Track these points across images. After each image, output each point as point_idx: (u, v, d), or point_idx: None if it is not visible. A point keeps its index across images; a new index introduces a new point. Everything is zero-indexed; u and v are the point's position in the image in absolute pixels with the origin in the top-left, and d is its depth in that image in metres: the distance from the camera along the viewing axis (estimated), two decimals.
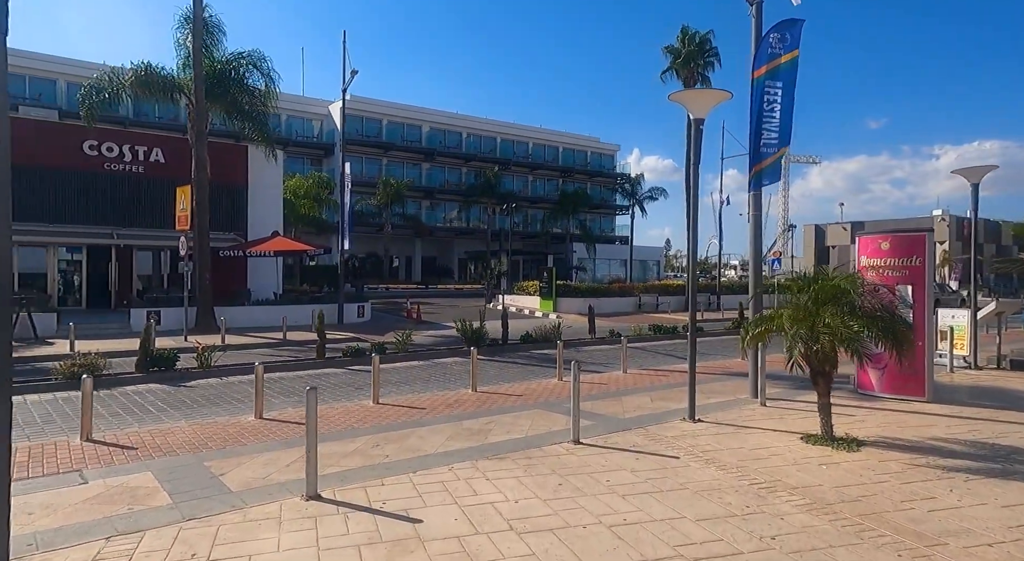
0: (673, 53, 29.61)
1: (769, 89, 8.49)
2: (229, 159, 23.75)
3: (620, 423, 7.32)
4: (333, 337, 17.19)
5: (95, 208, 21.17)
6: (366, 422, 7.26)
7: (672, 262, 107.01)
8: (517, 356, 14.28)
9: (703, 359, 13.44)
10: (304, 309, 20.96)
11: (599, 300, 28.26)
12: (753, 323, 6.93)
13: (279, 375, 11.21)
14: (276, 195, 26.02)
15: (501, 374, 11.82)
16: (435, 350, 14.43)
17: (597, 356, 14.53)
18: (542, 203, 57.09)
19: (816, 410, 7.03)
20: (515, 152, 57.64)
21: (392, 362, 12.83)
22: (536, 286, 29.51)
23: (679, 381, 10.41)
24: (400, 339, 13.51)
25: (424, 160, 52.70)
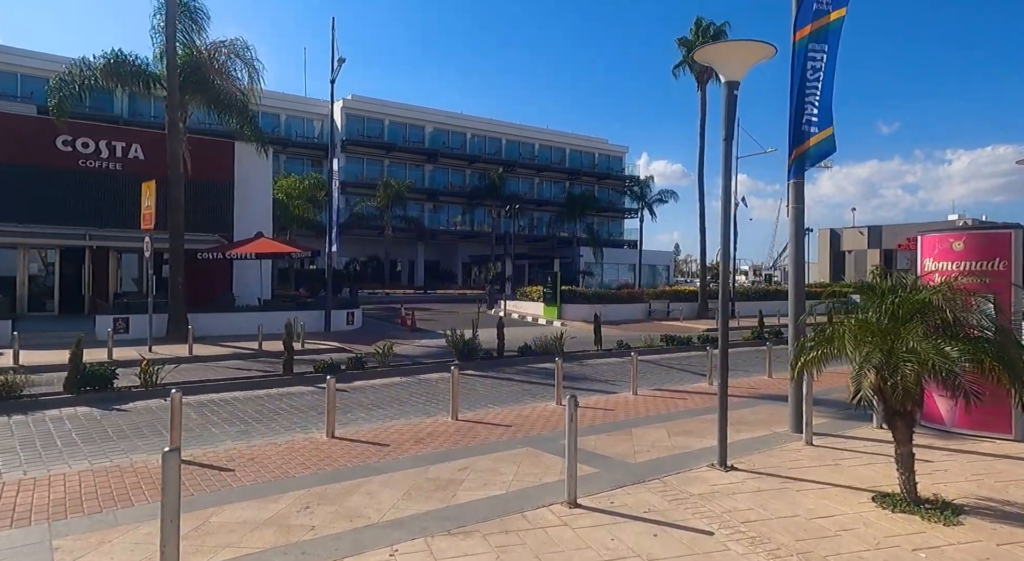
0: (686, 45, 28.02)
1: (813, 54, 6.94)
2: (213, 155, 22.40)
3: (630, 471, 5.75)
4: (314, 347, 15.74)
5: (69, 208, 19.81)
6: (308, 467, 5.73)
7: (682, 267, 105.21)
8: (513, 371, 12.73)
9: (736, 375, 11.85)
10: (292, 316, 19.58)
11: (606, 307, 26.68)
12: (804, 347, 5.34)
13: (234, 396, 9.71)
14: (266, 194, 24.65)
15: (492, 395, 10.27)
16: (421, 364, 12.91)
17: (603, 371, 12.95)
18: (548, 206, 55.59)
19: (881, 452, 5.47)
20: (521, 153, 56.20)
21: (369, 379, 11.32)
22: (539, 291, 27.95)
23: (700, 407, 8.82)
24: (381, 351, 12.00)
25: (427, 161, 51.34)
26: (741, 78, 5.68)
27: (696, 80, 28.43)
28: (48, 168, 19.59)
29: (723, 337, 6.00)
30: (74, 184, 20.01)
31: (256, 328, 17.54)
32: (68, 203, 19.83)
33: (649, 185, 51.74)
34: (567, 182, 58.52)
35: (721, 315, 6.02)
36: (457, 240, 53.40)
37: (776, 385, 10.78)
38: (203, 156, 21.41)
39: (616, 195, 60.89)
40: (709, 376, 10.93)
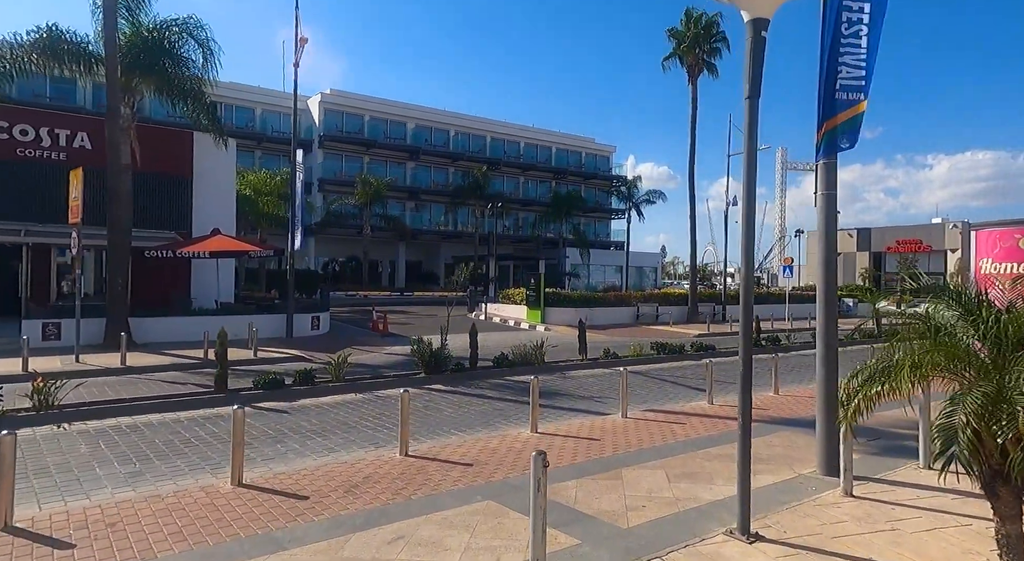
0: (677, 37, 26.76)
1: (850, 7, 5.55)
2: (169, 146, 20.73)
3: (621, 542, 4.30)
4: (267, 356, 14.17)
5: (5, 201, 18.05)
6: (184, 539, 4.22)
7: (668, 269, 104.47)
8: (487, 386, 11.25)
9: (723, 392, 10.49)
10: (251, 320, 17.96)
11: (593, 310, 25.31)
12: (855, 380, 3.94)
13: (148, 420, 8.14)
14: (228, 189, 22.96)
15: (457, 417, 8.78)
16: (382, 377, 11.38)
17: (589, 386, 11.52)
18: (534, 206, 54.21)
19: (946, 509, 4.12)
20: (506, 152, 54.78)
21: (319, 396, 9.79)
22: (522, 294, 26.50)
23: (702, 435, 7.42)
24: (336, 363, 10.47)
25: (409, 159, 49.74)
26: (770, 16, 4.24)
27: (687, 73, 27.17)
28: None
29: (746, 360, 4.58)
30: (10, 175, 18.22)
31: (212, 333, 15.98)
32: (3, 196, 18.05)
33: (636, 185, 50.61)
34: (553, 181, 57.20)
35: (743, 328, 4.59)
36: (440, 240, 51.85)
37: (785, 404, 9.41)
38: (156, 146, 19.71)
39: (603, 195, 59.69)
40: (709, 393, 9.54)
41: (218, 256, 17.95)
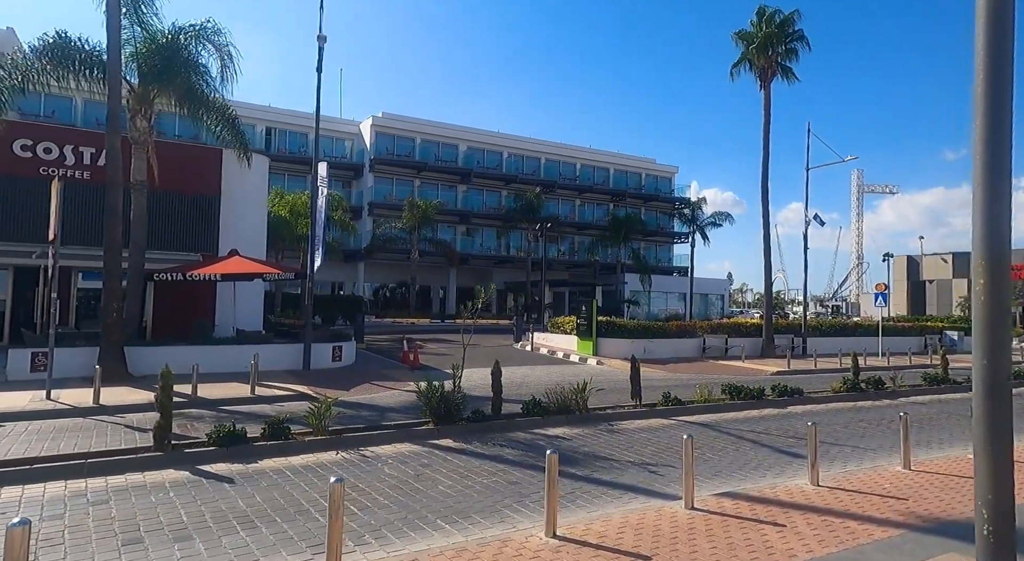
0: (746, 39, 24.01)
1: None
2: (196, 164, 19.77)
3: None
4: (268, 393, 12.28)
5: (29, 221, 17.28)
6: None
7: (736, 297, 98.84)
8: (507, 442, 8.83)
9: (829, 460, 7.66)
10: (268, 350, 16.31)
11: (652, 342, 22.45)
12: None
13: (55, 492, 6.19)
14: (260, 210, 21.82)
15: (451, 496, 6.39)
16: (380, 427, 9.13)
17: (642, 444, 8.89)
18: (590, 229, 51.76)
19: None
20: (561, 173, 52.79)
21: (290, 455, 7.64)
22: (573, 323, 23.94)
23: (821, 553, 4.71)
24: (318, 411, 8.32)
25: (460, 182, 48.47)
26: None
27: (758, 78, 24.30)
28: (3, 176, 17.20)
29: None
30: (35, 194, 17.48)
31: (222, 364, 14.43)
32: (28, 216, 17.29)
33: (701, 207, 47.52)
34: (611, 204, 54.64)
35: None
36: (491, 265, 50.04)
37: (926, 487, 6.50)
38: (179, 164, 18.73)
39: (664, 218, 56.61)
40: (811, 464, 6.76)
41: (232, 279, 16.45)
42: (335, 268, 44.80)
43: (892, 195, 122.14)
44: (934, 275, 56.09)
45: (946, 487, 6.59)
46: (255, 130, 43.38)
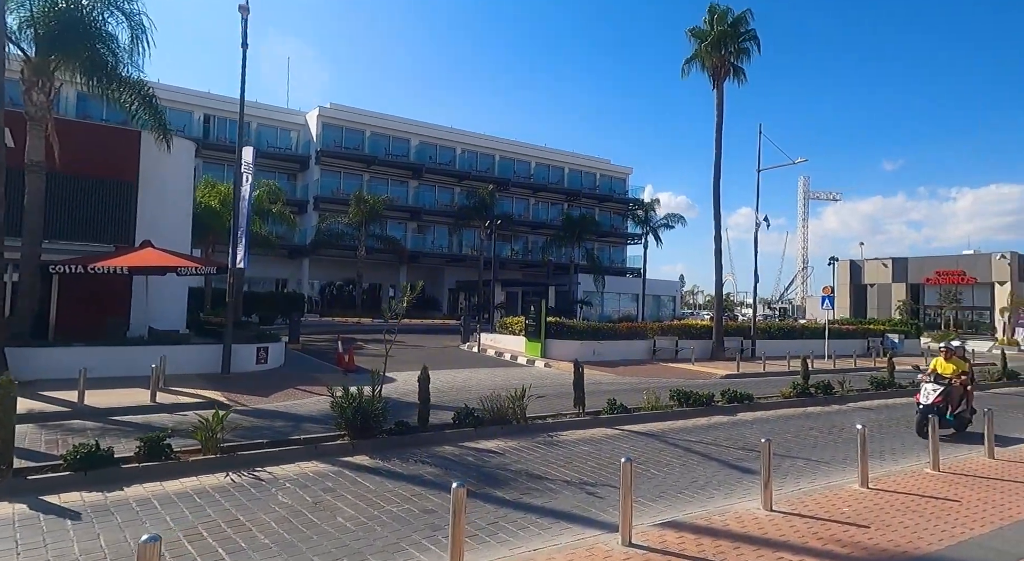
0: (699, 37, 23.72)
1: None
2: (109, 147, 17.99)
3: None
4: (172, 400, 10.94)
5: None
6: None
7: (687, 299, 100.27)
8: (431, 458, 7.86)
9: (782, 477, 6.99)
10: (183, 351, 14.87)
11: (602, 344, 21.85)
12: None
13: None
14: (184, 199, 20.12)
15: (348, 531, 5.37)
16: (287, 443, 8.00)
17: (581, 459, 8.05)
18: (544, 229, 51.20)
19: None
20: (515, 172, 52.04)
21: (167, 479, 6.46)
22: (521, 323, 23.13)
23: None
24: (208, 424, 7.14)
25: (411, 177, 47.12)
26: None
27: (710, 77, 24.06)
28: None
29: None
30: None
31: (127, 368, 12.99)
32: None
33: (654, 208, 47.55)
34: (565, 204, 54.24)
35: None
36: (443, 264, 48.87)
37: (888, 511, 5.84)
38: (88, 145, 17.04)
39: (618, 219, 56.58)
40: (765, 486, 6.01)
41: (142, 272, 14.92)
42: (279, 264, 42.81)
43: (836, 202, 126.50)
44: (875, 279, 57.88)
45: (909, 510, 5.96)
46: (192, 117, 41.05)
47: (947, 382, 10.11)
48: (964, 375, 10.36)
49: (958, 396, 10.25)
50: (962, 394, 10.34)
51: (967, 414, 10.48)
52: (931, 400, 9.85)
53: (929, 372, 10.53)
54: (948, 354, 10.69)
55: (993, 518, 5.79)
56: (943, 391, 9.96)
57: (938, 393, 9.90)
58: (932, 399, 9.85)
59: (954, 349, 10.88)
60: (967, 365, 10.70)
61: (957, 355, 10.82)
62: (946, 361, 10.64)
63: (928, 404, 9.85)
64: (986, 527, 5.52)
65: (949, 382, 10.14)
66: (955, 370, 10.38)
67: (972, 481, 7.15)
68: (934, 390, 9.96)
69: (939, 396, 9.88)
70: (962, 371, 10.40)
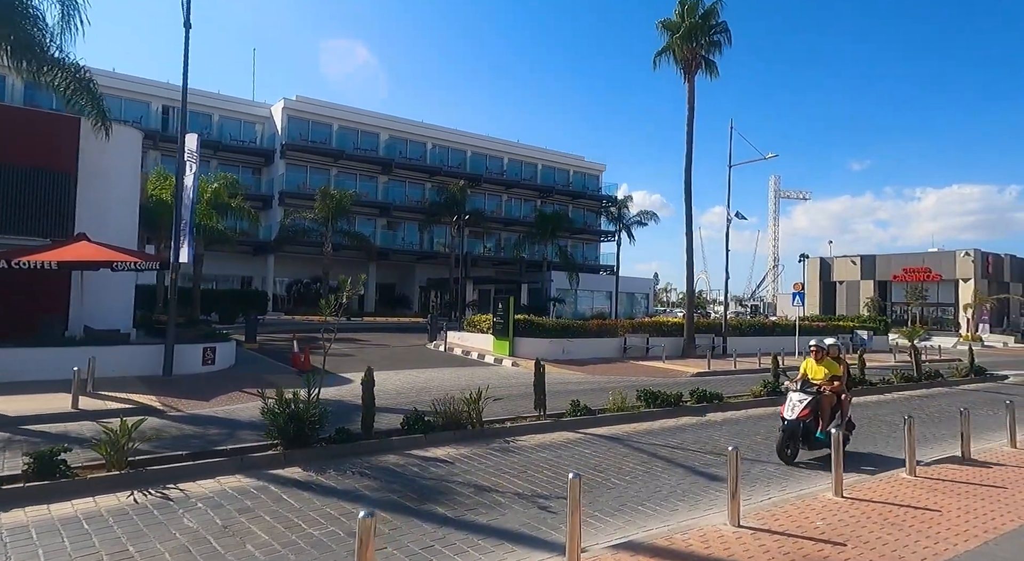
0: (670, 28, 23.31)
1: None
2: (44, 134, 16.80)
3: None
4: (98, 406, 10.02)
5: None
6: None
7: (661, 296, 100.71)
8: (375, 470, 7.15)
9: (751, 486, 6.44)
10: (121, 352, 13.90)
11: (572, 342, 21.30)
12: None
13: None
14: (129, 191, 18.93)
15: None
16: (212, 454, 7.21)
17: (537, 468, 7.41)
18: (517, 226, 50.57)
19: None
20: (488, 168, 51.30)
21: (56, 501, 5.63)
22: (489, 321, 22.47)
23: None
24: (113, 435, 6.31)
25: (381, 172, 46.04)
26: None
27: (682, 70, 23.67)
28: None
29: None
30: None
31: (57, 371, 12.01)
32: None
33: (627, 205, 47.24)
34: (538, 200, 53.68)
35: None
36: (414, 261, 47.92)
37: (865, 524, 5.31)
38: (18, 132, 15.89)
39: (591, 216, 56.21)
40: (732, 497, 5.42)
41: (74, 267, 13.87)
42: (242, 262, 41.46)
43: (806, 200, 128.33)
44: (844, 276, 58.57)
45: (887, 523, 5.45)
46: (150, 108, 39.46)
47: (816, 390, 8.14)
48: (837, 380, 8.33)
49: (830, 407, 8.22)
50: (835, 404, 8.32)
51: (842, 430, 7.83)
52: (796, 414, 7.92)
53: (798, 378, 8.57)
54: (819, 354, 8.59)
55: (977, 531, 5.31)
56: (811, 402, 7.97)
57: (805, 405, 7.93)
58: (798, 413, 7.92)
59: (826, 347, 8.65)
60: (841, 367, 8.59)
61: (830, 355, 8.65)
62: (817, 363, 8.58)
63: (793, 419, 7.93)
64: (971, 542, 5.02)
65: (818, 390, 8.14)
66: (827, 374, 8.39)
67: (951, 487, 6.70)
68: (800, 401, 7.99)
69: (806, 408, 7.92)
70: (834, 375, 8.36)
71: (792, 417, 7.97)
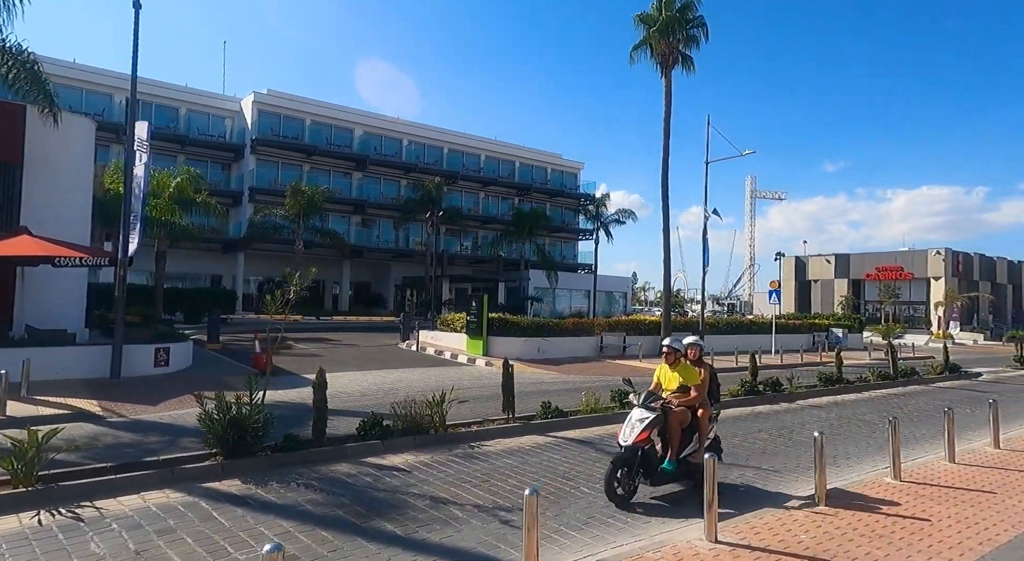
0: (647, 22, 22.92)
1: None
2: None
3: None
4: (30, 412, 9.23)
5: None
6: None
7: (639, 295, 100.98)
8: (323, 481, 6.55)
9: (730, 491, 5.98)
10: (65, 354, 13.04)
11: (547, 341, 20.83)
12: None
13: None
14: (82, 184, 17.93)
15: None
16: (141, 466, 6.53)
17: (501, 477, 6.87)
18: (494, 224, 49.96)
19: None
20: (464, 165, 50.61)
21: None
22: (463, 320, 21.89)
23: None
24: (20, 447, 5.60)
25: (355, 169, 45.09)
26: None
27: (659, 64, 23.28)
28: None
29: None
30: None
31: None
32: None
33: (605, 203, 46.94)
34: (516, 198, 53.14)
35: None
36: (389, 259, 47.06)
37: (851, 537, 4.87)
38: None
39: (569, 215, 55.86)
40: (708, 508, 4.94)
41: (11, 263, 12.96)
42: (211, 259, 40.29)
43: (781, 201, 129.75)
44: (819, 275, 59.11)
45: (875, 535, 5.02)
46: (113, 100, 38.03)
47: (662, 406, 6.09)
48: (696, 390, 6.39)
49: (680, 427, 6.21)
50: (688, 423, 6.32)
51: (700, 456, 5.91)
52: (632, 438, 5.89)
53: (653, 387, 6.65)
54: (672, 357, 6.51)
55: (972, 543, 4.91)
56: (652, 421, 5.94)
57: (645, 425, 5.91)
58: (634, 436, 5.88)
59: (681, 349, 6.57)
60: (702, 373, 6.54)
61: (690, 358, 6.61)
62: (671, 368, 6.55)
63: (629, 444, 5.88)
64: (967, 557, 4.60)
65: (664, 405, 6.10)
66: (681, 383, 6.47)
67: (939, 493, 6.32)
68: (641, 420, 5.96)
69: (645, 430, 5.88)
70: (690, 385, 6.43)
71: (628, 442, 5.88)
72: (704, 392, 6.52)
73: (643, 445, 5.92)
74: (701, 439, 6.42)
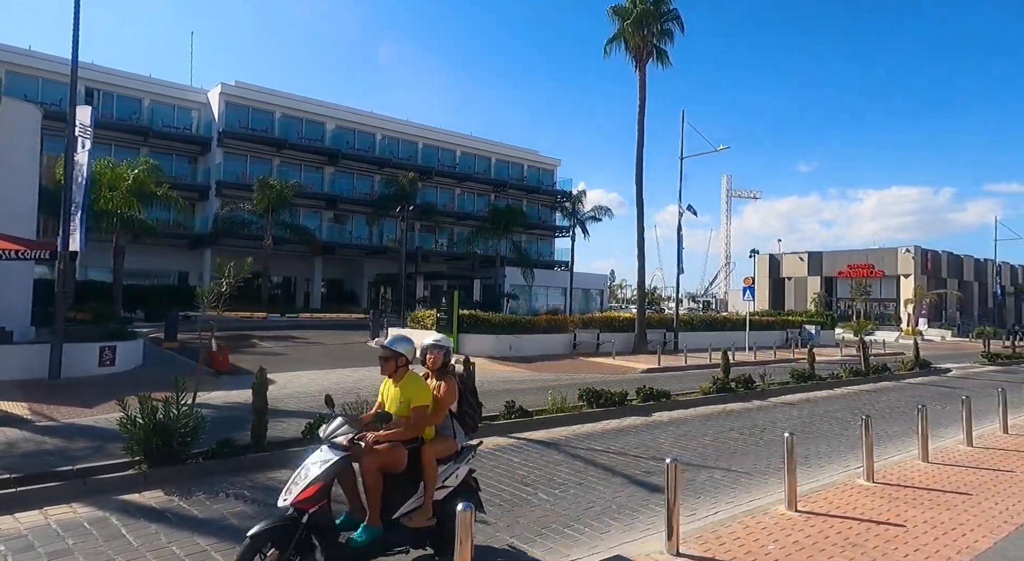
0: (621, 15, 22.61)
1: None
2: None
3: None
4: None
5: None
6: None
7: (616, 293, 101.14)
8: (256, 490, 6.00)
9: (695, 493, 5.57)
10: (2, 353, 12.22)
11: (520, 338, 20.40)
12: None
13: None
14: (26, 175, 16.97)
15: None
16: (50, 475, 5.90)
17: None
18: (470, 220, 49.34)
19: None
20: (439, 160, 49.90)
21: None
22: (433, 317, 21.33)
23: None
24: None
25: (327, 163, 44.13)
26: None
27: (633, 58, 23.02)
28: None
29: None
30: None
31: None
32: None
33: (582, 200, 46.63)
34: (492, 195, 52.61)
35: None
36: (363, 256, 46.18)
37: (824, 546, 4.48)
38: None
39: (546, 212, 55.50)
40: (671, 513, 4.51)
41: None
42: (177, 255, 39.04)
43: (756, 199, 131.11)
44: (792, 273, 59.64)
45: (848, 544, 4.65)
46: None
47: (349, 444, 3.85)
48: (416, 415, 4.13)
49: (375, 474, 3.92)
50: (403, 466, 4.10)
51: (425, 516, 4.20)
52: (292, 497, 3.66)
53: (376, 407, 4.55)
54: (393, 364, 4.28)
55: (950, 552, 4.57)
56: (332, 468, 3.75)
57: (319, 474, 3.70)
58: (295, 494, 3.66)
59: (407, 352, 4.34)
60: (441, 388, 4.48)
61: (429, 367, 4.59)
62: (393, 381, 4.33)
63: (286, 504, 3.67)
64: None
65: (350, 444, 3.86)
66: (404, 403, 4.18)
67: (913, 496, 6.01)
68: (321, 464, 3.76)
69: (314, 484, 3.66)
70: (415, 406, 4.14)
71: (285, 502, 3.68)
72: (436, 419, 4.32)
73: (308, 507, 3.64)
74: (428, 490, 4.17)
